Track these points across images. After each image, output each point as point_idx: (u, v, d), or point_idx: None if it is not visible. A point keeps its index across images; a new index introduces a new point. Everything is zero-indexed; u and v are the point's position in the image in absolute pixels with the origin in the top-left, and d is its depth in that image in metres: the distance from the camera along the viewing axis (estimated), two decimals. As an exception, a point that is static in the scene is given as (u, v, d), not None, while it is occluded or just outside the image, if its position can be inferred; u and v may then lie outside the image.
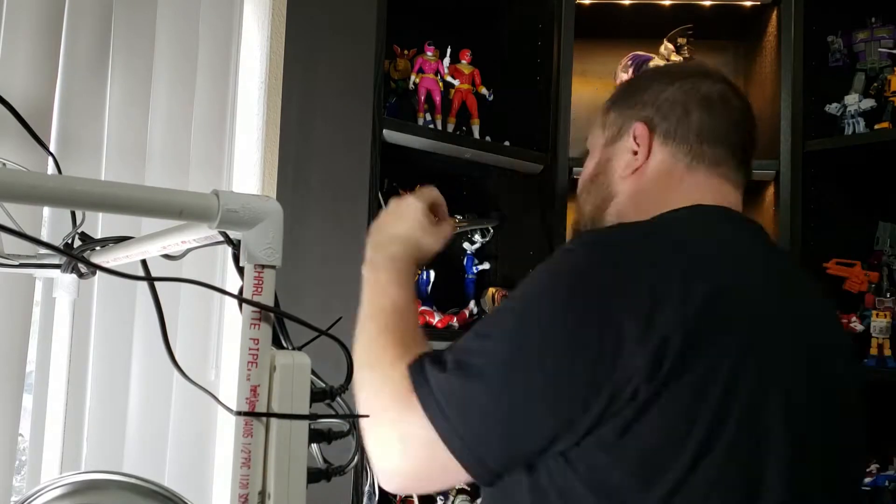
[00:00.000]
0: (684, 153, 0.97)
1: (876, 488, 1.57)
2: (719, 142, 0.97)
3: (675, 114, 0.98)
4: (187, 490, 1.30)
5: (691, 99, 0.98)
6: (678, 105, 0.98)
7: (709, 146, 0.97)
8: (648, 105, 1.00)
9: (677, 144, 0.97)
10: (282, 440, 0.45)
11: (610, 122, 1.04)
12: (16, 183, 0.37)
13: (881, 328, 1.59)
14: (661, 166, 0.98)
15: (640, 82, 1.05)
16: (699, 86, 0.99)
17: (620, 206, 1.01)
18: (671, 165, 0.97)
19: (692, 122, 0.97)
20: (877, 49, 1.68)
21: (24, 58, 1.20)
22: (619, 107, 1.05)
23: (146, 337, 1.37)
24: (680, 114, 0.98)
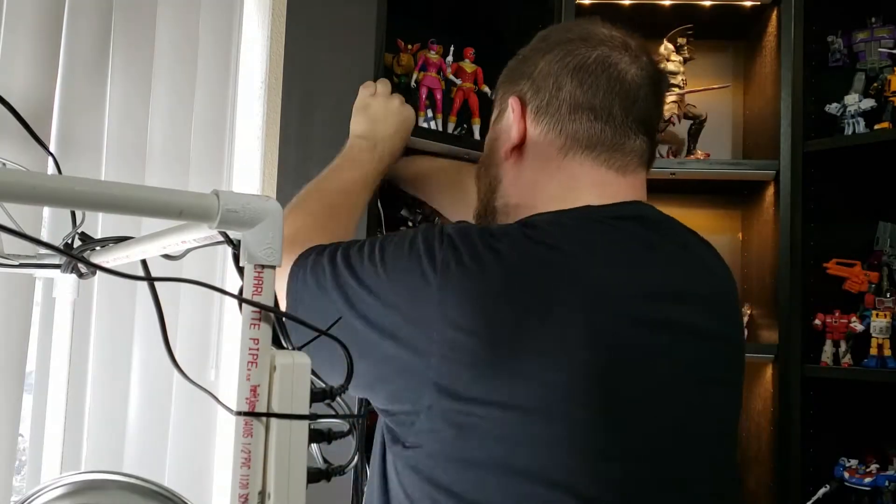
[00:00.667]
0: (556, 133, 0.86)
1: (876, 488, 1.57)
2: (594, 115, 0.85)
3: (547, 87, 0.88)
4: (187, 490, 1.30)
5: (563, 68, 0.87)
6: (551, 76, 0.88)
7: (582, 123, 0.85)
8: (525, 78, 0.90)
9: (549, 123, 0.87)
10: (282, 440, 0.45)
11: (497, 100, 0.96)
12: (16, 183, 0.37)
13: (881, 328, 1.59)
14: (536, 148, 0.88)
15: (525, 52, 0.94)
16: (575, 52, 0.88)
17: (507, 194, 0.92)
18: (546, 148, 0.87)
19: (563, 94, 0.86)
20: (877, 49, 1.68)
21: (24, 58, 1.20)
22: (503, 81, 0.96)
23: (146, 337, 1.37)
24: (552, 86, 0.87)
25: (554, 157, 0.87)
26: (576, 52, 0.88)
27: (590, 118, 0.85)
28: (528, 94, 0.89)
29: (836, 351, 1.63)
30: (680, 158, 1.77)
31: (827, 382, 1.64)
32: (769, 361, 1.66)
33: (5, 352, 1.15)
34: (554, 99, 0.87)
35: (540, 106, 0.88)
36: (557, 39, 0.91)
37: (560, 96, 0.87)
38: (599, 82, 0.86)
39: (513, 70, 0.95)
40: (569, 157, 0.86)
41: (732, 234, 1.92)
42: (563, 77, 0.87)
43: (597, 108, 0.85)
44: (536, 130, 0.88)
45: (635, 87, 0.87)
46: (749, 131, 1.90)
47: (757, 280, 1.78)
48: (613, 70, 0.87)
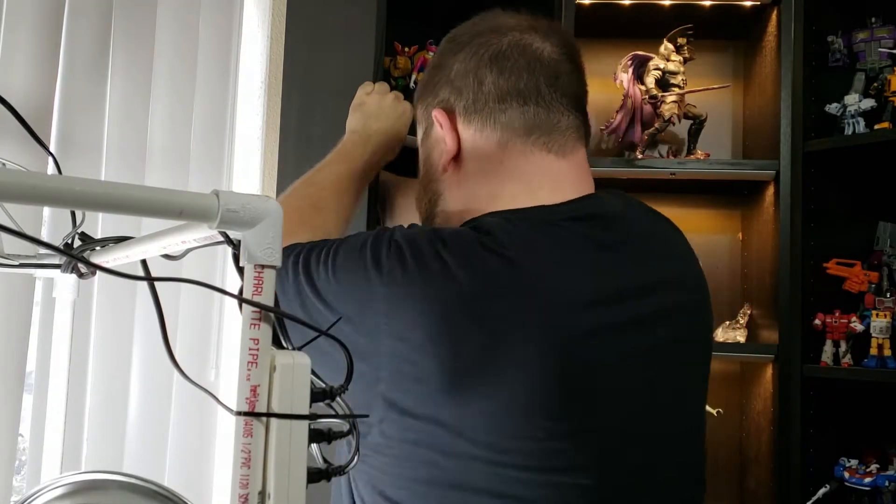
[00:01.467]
0: (491, 128, 0.83)
1: (876, 488, 1.57)
2: (523, 100, 0.83)
3: (468, 85, 0.85)
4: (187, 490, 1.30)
5: (480, 61, 0.84)
6: (469, 73, 0.85)
7: (513, 110, 0.83)
8: (444, 85, 0.88)
9: (480, 120, 0.84)
10: (282, 440, 0.45)
11: (420, 118, 0.93)
12: (16, 183, 0.37)
13: (881, 328, 1.59)
14: (474, 151, 0.85)
15: (436, 60, 0.92)
16: (487, 43, 0.85)
17: (448, 206, 0.89)
18: (483, 146, 0.84)
19: (487, 87, 0.84)
20: (877, 49, 1.68)
21: (24, 58, 1.20)
22: (422, 97, 0.93)
23: (146, 337, 1.37)
24: (473, 84, 0.85)
25: (494, 153, 0.84)
26: (488, 43, 0.86)
27: (519, 103, 0.83)
28: (451, 99, 0.87)
29: (836, 351, 1.63)
30: (680, 158, 1.77)
31: (827, 382, 1.64)
32: (769, 361, 1.66)
33: (5, 352, 1.15)
34: (479, 95, 0.84)
35: (467, 106, 0.85)
36: (465, 37, 0.89)
37: (484, 90, 0.84)
38: (519, 65, 0.83)
39: (427, 82, 0.92)
40: (509, 149, 0.84)
41: (732, 234, 1.92)
42: (481, 70, 0.84)
43: (523, 91, 0.83)
44: (469, 132, 0.86)
45: (555, 63, 0.85)
46: (749, 131, 1.90)
47: (757, 280, 1.78)
48: (529, 50, 0.84)
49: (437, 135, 0.89)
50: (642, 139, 1.79)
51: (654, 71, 1.76)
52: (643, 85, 1.78)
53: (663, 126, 1.77)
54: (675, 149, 1.87)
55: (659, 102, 1.76)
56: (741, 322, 1.74)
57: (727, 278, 1.90)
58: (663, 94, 1.75)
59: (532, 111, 0.83)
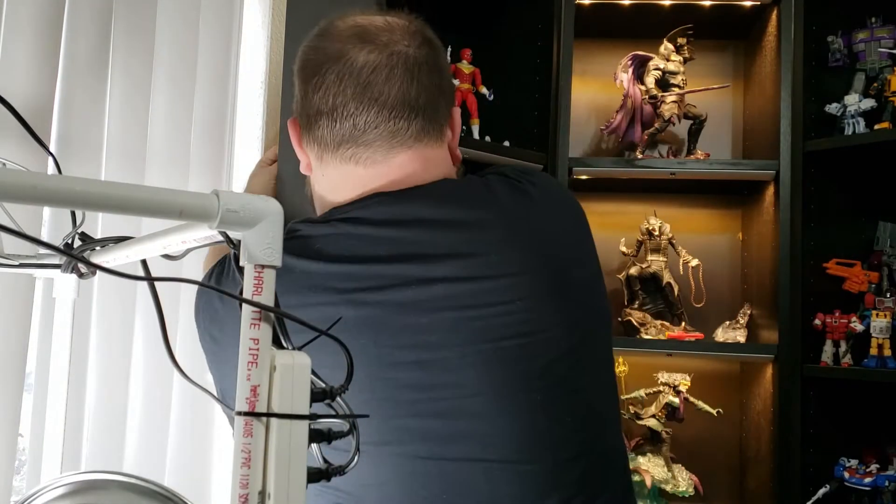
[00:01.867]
0: (311, 143, 0.87)
1: (876, 488, 1.57)
2: (334, 119, 0.83)
3: (301, 103, 0.88)
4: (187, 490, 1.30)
5: (304, 79, 0.86)
6: (300, 91, 0.87)
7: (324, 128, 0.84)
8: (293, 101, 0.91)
9: (307, 134, 0.87)
10: (282, 440, 0.45)
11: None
12: (16, 183, 0.37)
13: (881, 328, 1.59)
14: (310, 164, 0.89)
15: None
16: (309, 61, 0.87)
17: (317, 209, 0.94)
18: (312, 161, 0.88)
19: (308, 104, 0.85)
20: (877, 49, 1.68)
21: (24, 58, 1.20)
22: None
23: (146, 337, 1.37)
24: (303, 100, 0.87)
25: (317, 167, 0.88)
26: (310, 59, 0.87)
27: (328, 121, 0.84)
28: (298, 114, 0.90)
29: (836, 351, 1.63)
30: (680, 158, 1.77)
31: (827, 382, 1.64)
32: (769, 361, 1.66)
33: (5, 352, 1.15)
34: (304, 112, 0.87)
35: (302, 123, 0.88)
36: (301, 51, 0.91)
37: (307, 107, 0.86)
38: (328, 81, 0.84)
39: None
40: (324, 163, 0.87)
41: (732, 234, 1.92)
42: (306, 87, 0.86)
43: (330, 108, 0.84)
44: (302, 146, 0.90)
45: (367, 73, 0.83)
46: (749, 131, 1.90)
47: (757, 280, 1.78)
48: (341, 63, 0.84)
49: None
50: (642, 139, 1.79)
51: (654, 71, 1.76)
52: (643, 85, 1.78)
53: (663, 126, 1.77)
54: (675, 149, 1.87)
55: (659, 102, 1.76)
56: (741, 322, 1.75)
57: (727, 278, 1.90)
58: (663, 94, 1.75)
59: (338, 126, 0.84)
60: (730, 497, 1.86)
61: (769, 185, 1.69)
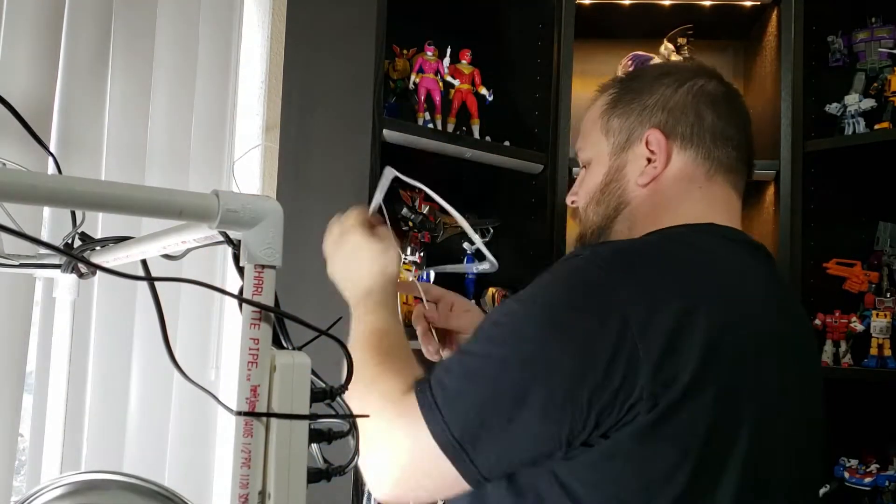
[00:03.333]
0: (703, 157, 0.94)
1: (876, 488, 1.57)
2: (731, 144, 0.95)
3: (687, 117, 0.95)
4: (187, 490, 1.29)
5: (702, 101, 0.95)
6: (690, 108, 0.95)
7: (723, 149, 0.95)
8: (658, 109, 0.96)
9: (696, 149, 0.94)
10: (282, 440, 0.45)
11: (615, 129, 1.00)
12: (16, 183, 0.37)
13: (881, 328, 1.59)
14: (680, 174, 0.95)
15: (641, 84, 1.00)
16: (706, 86, 0.96)
17: (633, 214, 0.97)
18: (692, 172, 0.95)
19: (706, 124, 0.94)
20: (877, 49, 1.68)
21: (24, 58, 1.20)
22: (622, 111, 1.00)
23: (146, 337, 1.37)
24: (693, 117, 0.95)
25: (699, 180, 0.95)
26: (704, 86, 0.96)
27: (730, 146, 0.95)
28: (669, 123, 0.95)
29: (836, 351, 1.63)
30: (680, 158, 1.77)
31: (827, 382, 1.64)
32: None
33: (5, 352, 1.15)
34: (699, 128, 0.94)
35: (685, 135, 0.95)
36: (680, 73, 0.99)
37: (704, 125, 0.94)
38: (729, 112, 0.96)
39: (632, 101, 0.99)
40: (712, 181, 0.95)
41: (732, 234, 1.92)
42: (702, 108, 0.95)
43: (733, 137, 0.95)
44: (682, 157, 0.95)
45: (747, 120, 0.98)
46: (749, 131, 1.90)
47: (757, 280, 1.78)
48: (734, 102, 0.97)
49: (640, 151, 0.97)
50: (642, 139, 1.78)
51: (654, 71, 1.76)
52: (643, 85, 1.78)
53: (663, 126, 1.77)
54: (675, 149, 1.87)
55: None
56: (741, 322, 1.74)
57: (727, 278, 1.90)
58: (663, 94, 1.75)
59: (735, 155, 0.96)
60: (730, 497, 1.86)
61: (769, 185, 1.69)
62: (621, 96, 1.01)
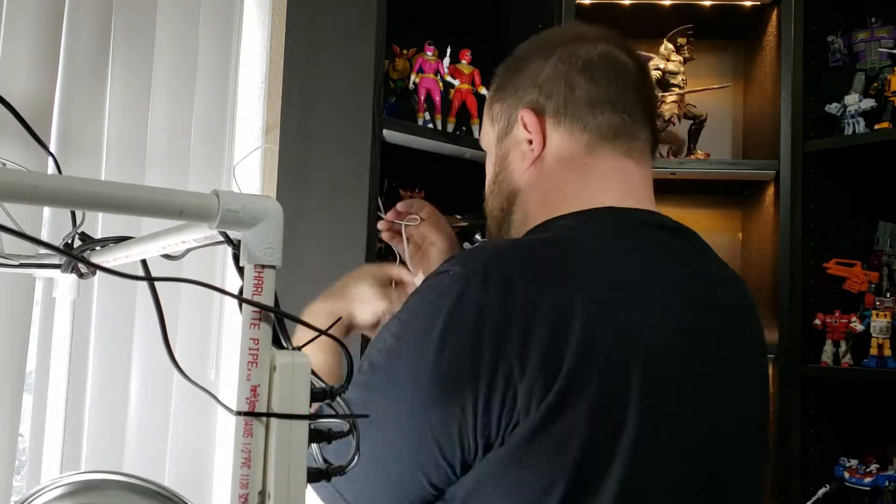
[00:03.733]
0: (580, 130, 0.87)
1: (876, 488, 1.57)
2: (613, 107, 0.86)
3: (558, 89, 0.87)
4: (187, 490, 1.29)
5: (573, 68, 0.87)
6: (560, 78, 0.87)
7: (603, 116, 0.86)
8: (530, 86, 0.89)
9: (570, 122, 0.87)
10: (282, 440, 0.45)
11: (497, 115, 0.94)
12: (16, 183, 0.37)
13: (881, 328, 1.59)
14: (559, 152, 0.88)
15: (517, 63, 0.93)
16: (577, 51, 0.88)
17: (525, 202, 0.91)
18: (570, 147, 0.87)
19: (578, 93, 0.87)
20: (877, 49, 1.68)
21: (24, 58, 1.20)
22: (501, 95, 0.94)
23: (146, 337, 1.37)
24: (564, 88, 0.87)
25: (579, 155, 0.87)
26: (578, 51, 0.88)
27: (610, 110, 0.87)
28: (541, 101, 0.89)
29: (836, 351, 1.63)
30: (680, 158, 1.77)
31: (827, 382, 1.64)
32: (769, 361, 1.66)
33: (5, 352, 1.15)
34: (570, 99, 0.87)
35: (557, 108, 0.88)
36: (554, 43, 0.91)
37: (575, 95, 0.87)
38: (609, 75, 0.87)
39: (507, 83, 0.93)
40: (595, 152, 0.87)
41: (732, 234, 1.92)
42: (573, 75, 0.87)
43: (613, 99, 0.87)
44: (557, 133, 0.88)
45: (635, 76, 0.88)
46: (749, 131, 1.90)
47: (757, 280, 1.78)
48: (618, 62, 0.88)
49: (519, 135, 0.90)
50: (642, 139, 1.78)
51: (654, 71, 1.76)
52: (643, 85, 1.78)
53: (663, 126, 1.77)
54: (675, 149, 1.87)
55: (659, 102, 1.75)
56: (741, 322, 1.74)
57: (727, 278, 1.90)
58: (663, 94, 1.75)
59: (619, 119, 0.87)
60: (730, 497, 1.86)
61: (769, 185, 1.69)
62: (502, 79, 0.95)
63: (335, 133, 1.49)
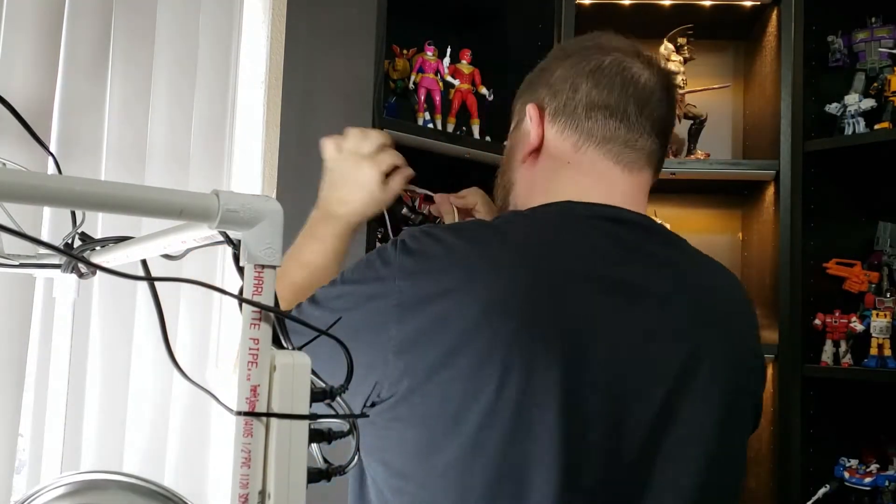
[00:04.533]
0: (572, 129, 0.90)
1: (876, 488, 1.57)
2: (609, 114, 0.89)
3: (564, 90, 0.91)
4: (187, 490, 1.30)
5: (580, 72, 0.91)
6: (568, 80, 0.91)
7: (597, 121, 0.89)
8: (543, 85, 0.94)
9: (565, 120, 0.90)
10: (282, 440, 0.45)
11: (515, 111, 0.99)
12: (16, 183, 0.37)
13: (881, 328, 1.59)
14: (551, 149, 0.91)
15: (542, 64, 0.98)
16: (590, 57, 0.91)
17: (516, 195, 0.96)
18: (560, 145, 0.91)
19: (579, 96, 0.90)
20: (877, 49, 1.68)
21: (24, 58, 1.20)
22: (521, 93, 0.99)
23: (146, 337, 1.37)
24: (569, 90, 0.91)
25: (566, 153, 0.90)
26: (591, 57, 0.92)
27: (605, 116, 0.89)
28: (546, 99, 0.93)
29: (836, 351, 1.63)
30: (680, 158, 1.77)
31: (827, 382, 1.64)
32: (769, 361, 1.66)
33: (5, 352, 1.15)
34: (570, 100, 0.91)
35: (557, 108, 0.91)
36: (574, 49, 0.95)
37: (577, 97, 0.90)
38: (614, 83, 0.90)
39: (531, 81, 0.98)
40: (581, 152, 0.90)
41: (732, 234, 1.92)
42: (579, 79, 0.91)
43: (612, 106, 0.89)
44: (553, 130, 0.92)
45: (648, 90, 0.90)
46: (749, 131, 1.90)
47: (757, 280, 1.78)
48: (627, 73, 0.90)
49: (525, 128, 0.94)
50: (642, 139, 1.78)
51: (654, 71, 1.76)
52: (643, 85, 1.78)
53: (663, 126, 1.77)
54: (675, 149, 1.87)
55: (659, 102, 1.75)
56: (741, 322, 1.74)
57: (727, 278, 1.90)
58: (663, 94, 1.75)
59: (614, 125, 0.89)
60: (730, 497, 1.86)
61: (769, 185, 1.69)
62: (527, 80, 1.00)
63: (335, 133, 1.49)
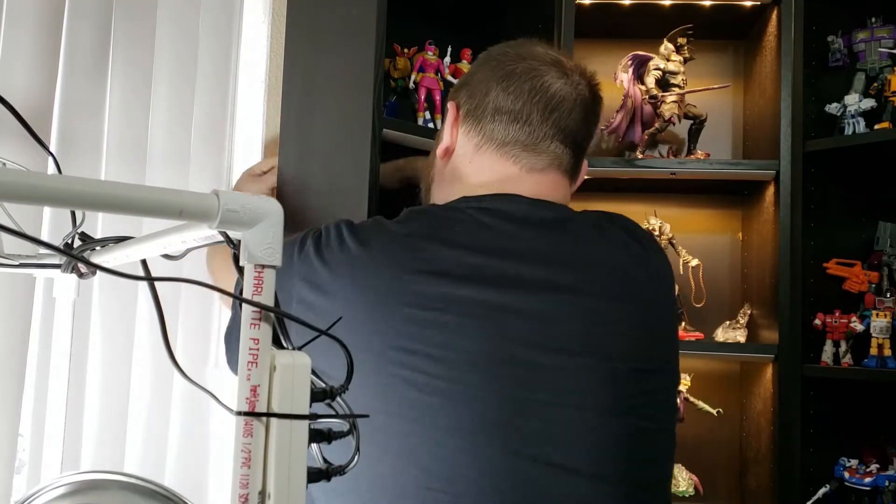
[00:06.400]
0: (476, 131, 0.95)
1: (876, 488, 1.57)
2: (512, 118, 0.92)
3: (478, 93, 0.95)
4: (187, 490, 1.30)
5: (493, 77, 0.95)
6: (483, 83, 0.96)
7: (500, 123, 0.93)
8: (465, 87, 0.99)
9: (472, 122, 0.95)
10: (282, 440, 0.45)
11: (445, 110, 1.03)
12: (16, 183, 0.37)
13: (881, 328, 1.59)
14: (458, 149, 0.97)
15: (473, 65, 1.03)
16: (506, 64, 0.95)
17: (434, 192, 1.01)
18: (464, 145, 0.96)
19: (488, 99, 0.94)
20: (877, 49, 1.68)
21: (24, 58, 1.20)
22: (451, 92, 1.04)
23: (146, 337, 1.37)
24: (481, 93, 0.95)
25: (468, 153, 0.95)
26: (507, 63, 0.95)
27: (508, 120, 0.93)
28: (463, 100, 0.97)
29: (836, 351, 1.63)
30: (680, 158, 1.77)
31: (827, 382, 1.64)
32: (769, 361, 1.66)
33: (5, 352, 1.15)
34: (481, 103, 0.95)
35: (469, 110, 0.96)
36: (496, 53, 0.99)
37: (486, 101, 0.94)
38: (522, 90, 0.93)
39: (460, 82, 1.03)
40: (481, 153, 0.94)
41: (732, 234, 1.92)
42: (491, 84, 0.94)
43: (515, 111, 0.93)
44: (462, 130, 0.97)
45: (558, 99, 0.93)
46: (749, 131, 1.90)
47: (757, 280, 1.78)
48: (537, 81, 0.93)
49: (445, 126, 1.00)
50: (642, 139, 1.79)
51: (654, 71, 1.76)
52: (643, 85, 1.78)
53: (663, 126, 1.77)
54: (675, 149, 1.87)
55: (659, 102, 1.76)
56: (741, 322, 1.74)
57: (727, 278, 1.90)
58: (663, 94, 1.75)
59: (516, 129, 0.93)
60: (730, 497, 1.86)
61: (769, 185, 1.69)
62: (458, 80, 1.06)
63: (335, 132, 1.49)
